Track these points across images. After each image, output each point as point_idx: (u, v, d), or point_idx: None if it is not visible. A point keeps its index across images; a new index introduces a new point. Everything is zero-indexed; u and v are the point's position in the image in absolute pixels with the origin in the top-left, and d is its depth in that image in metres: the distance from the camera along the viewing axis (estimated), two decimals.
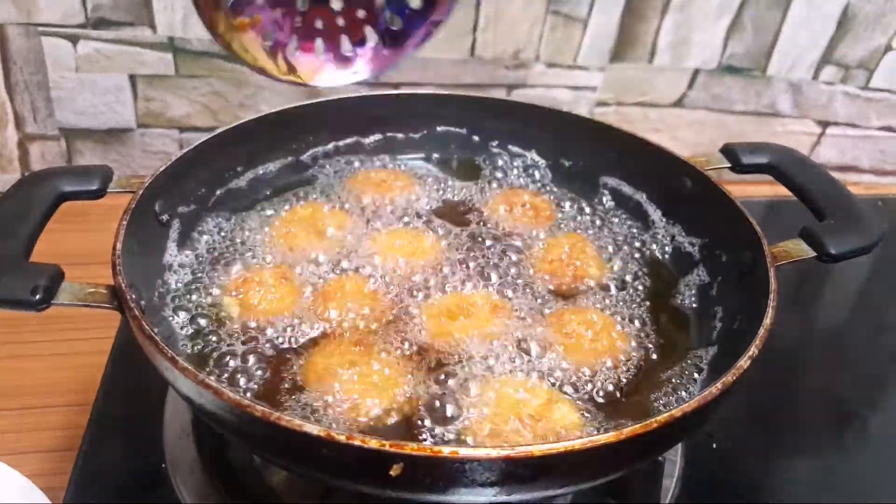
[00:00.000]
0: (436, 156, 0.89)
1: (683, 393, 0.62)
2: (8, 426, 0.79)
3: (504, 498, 0.49)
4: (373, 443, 0.45)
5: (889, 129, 1.29)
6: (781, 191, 0.75)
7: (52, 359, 0.86)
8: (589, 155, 0.85)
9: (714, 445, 0.75)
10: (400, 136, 0.88)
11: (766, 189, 0.79)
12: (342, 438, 0.45)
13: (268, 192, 0.82)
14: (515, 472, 0.47)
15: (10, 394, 0.82)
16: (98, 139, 1.11)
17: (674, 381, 0.63)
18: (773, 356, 0.84)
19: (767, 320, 0.58)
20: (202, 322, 0.66)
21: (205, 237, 0.75)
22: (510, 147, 0.88)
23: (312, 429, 0.45)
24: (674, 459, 0.71)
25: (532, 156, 0.88)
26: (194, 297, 0.68)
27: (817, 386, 0.88)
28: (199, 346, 0.64)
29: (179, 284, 0.69)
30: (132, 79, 1.06)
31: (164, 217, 0.71)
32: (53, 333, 0.89)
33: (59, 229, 0.86)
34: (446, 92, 0.88)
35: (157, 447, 0.70)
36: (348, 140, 0.87)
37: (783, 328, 0.91)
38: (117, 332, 0.82)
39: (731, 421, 0.78)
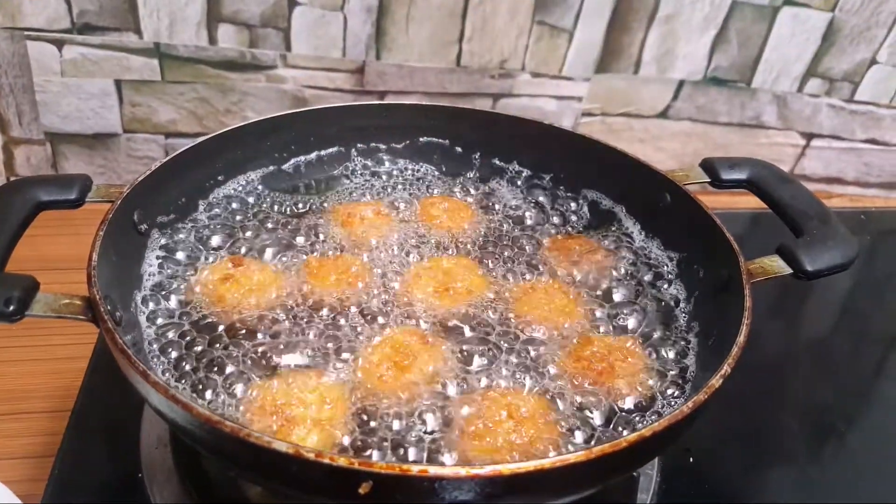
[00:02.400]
0: (417, 166, 0.90)
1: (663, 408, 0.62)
2: None
3: None
4: (341, 461, 0.45)
5: (873, 141, 1.29)
6: (761, 203, 0.76)
7: (30, 364, 0.86)
8: (570, 167, 0.85)
9: (691, 459, 0.75)
10: (382, 146, 0.88)
11: (752, 200, 0.80)
12: (310, 456, 0.45)
13: (250, 202, 0.82)
14: (485, 490, 0.47)
15: None
16: (84, 144, 1.10)
17: (653, 395, 0.63)
18: (752, 368, 0.85)
19: (741, 338, 0.58)
20: (177, 333, 0.66)
21: (183, 247, 0.74)
22: (492, 159, 0.89)
23: (281, 446, 0.46)
24: (650, 474, 0.71)
25: (514, 167, 0.88)
26: (172, 306, 0.68)
27: (796, 399, 0.88)
28: (174, 358, 0.63)
29: (156, 294, 0.69)
30: (118, 84, 1.06)
31: (143, 227, 0.71)
32: (32, 339, 0.88)
33: (42, 234, 0.86)
34: (429, 103, 0.89)
35: (133, 456, 0.70)
36: (331, 150, 0.87)
37: (763, 340, 0.92)
38: (97, 338, 0.82)
39: (709, 434, 0.77)
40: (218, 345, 0.65)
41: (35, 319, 0.88)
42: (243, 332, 0.66)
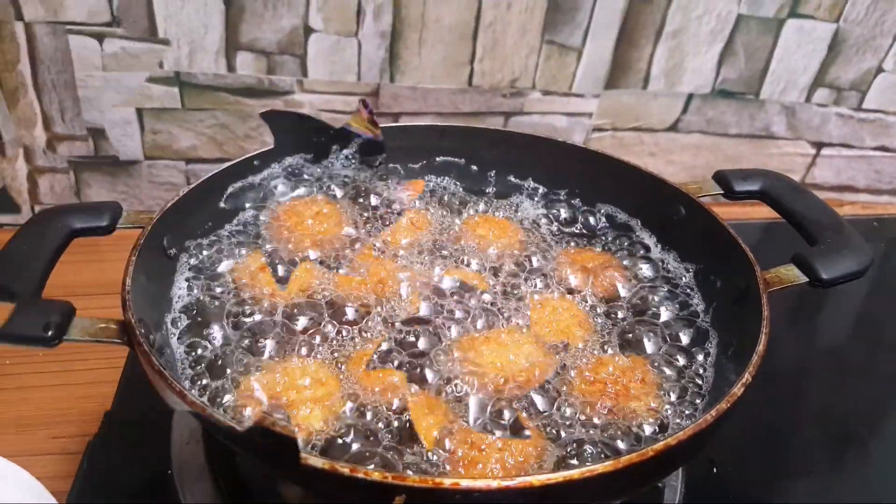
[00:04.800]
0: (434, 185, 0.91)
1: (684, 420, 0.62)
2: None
3: None
4: (375, 475, 0.46)
5: (884, 148, 1.30)
6: (774, 213, 0.77)
7: (58, 389, 0.87)
8: (584, 182, 0.87)
9: (714, 470, 0.75)
10: (400, 166, 0.90)
11: (763, 210, 0.80)
12: (345, 471, 0.46)
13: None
14: (515, 502, 0.47)
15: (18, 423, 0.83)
16: (106, 171, 1.13)
17: (674, 407, 0.64)
18: (772, 377, 0.85)
19: (760, 347, 0.59)
20: (205, 352, 0.66)
21: (210, 271, 0.75)
22: (508, 177, 0.90)
23: (316, 462, 0.46)
24: (674, 485, 0.71)
25: (529, 184, 0.89)
26: (202, 329, 0.69)
27: (817, 407, 0.89)
28: (205, 378, 0.64)
29: (185, 317, 0.70)
30: (139, 112, 1.08)
31: (172, 251, 0.72)
32: (59, 364, 0.89)
33: (69, 261, 0.87)
34: (444, 123, 0.90)
35: (164, 452, 0.70)
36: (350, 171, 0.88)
37: (782, 349, 0.92)
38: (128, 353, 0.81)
39: (731, 444, 0.77)
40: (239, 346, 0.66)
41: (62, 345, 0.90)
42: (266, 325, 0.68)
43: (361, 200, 0.85)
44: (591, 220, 0.86)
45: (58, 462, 0.75)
